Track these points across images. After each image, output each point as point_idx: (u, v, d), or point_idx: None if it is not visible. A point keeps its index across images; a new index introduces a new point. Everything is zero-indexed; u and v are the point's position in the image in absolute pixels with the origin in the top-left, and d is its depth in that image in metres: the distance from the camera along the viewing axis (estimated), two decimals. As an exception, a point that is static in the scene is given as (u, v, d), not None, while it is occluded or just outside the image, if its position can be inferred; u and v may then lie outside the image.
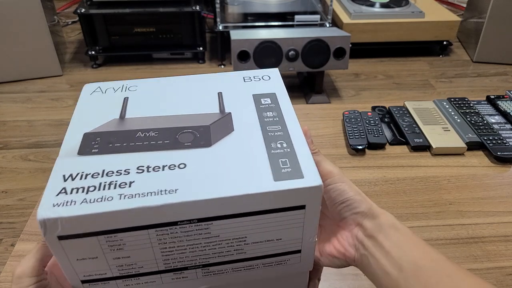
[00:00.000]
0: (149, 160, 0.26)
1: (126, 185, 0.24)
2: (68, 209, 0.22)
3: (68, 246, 0.23)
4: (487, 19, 1.62)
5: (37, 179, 1.13)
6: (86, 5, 1.60)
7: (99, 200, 0.23)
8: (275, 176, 0.24)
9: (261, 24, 1.64)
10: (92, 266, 0.25)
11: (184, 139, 0.27)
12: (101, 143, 0.27)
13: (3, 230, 0.98)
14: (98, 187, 0.24)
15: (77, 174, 0.25)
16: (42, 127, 1.34)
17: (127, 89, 0.33)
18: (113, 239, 0.24)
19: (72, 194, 0.23)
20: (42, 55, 1.56)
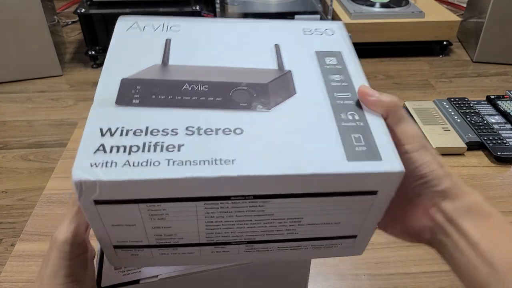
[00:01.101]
0: (199, 120, 0.22)
1: (175, 148, 0.20)
2: (108, 172, 0.19)
3: (104, 212, 0.21)
4: (487, 19, 1.62)
5: (37, 179, 1.13)
6: (86, 5, 1.60)
7: (143, 164, 0.19)
8: (348, 154, 0.21)
9: (261, 24, 1.63)
10: (128, 233, 0.22)
11: (239, 98, 0.23)
12: (143, 93, 0.23)
13: (3, 230, 0.98)
14: (142, 147, 0.20)
15: (116, 129, 0.21)
16: (42, 127, 1.34)
17: (168, 29, 0.28)
18: (155, 208, 0.21)
19: (112, 154, 0.20)
20: (42, 55, 1.56)
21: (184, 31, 0.28)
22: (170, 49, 0.26)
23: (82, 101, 1.48)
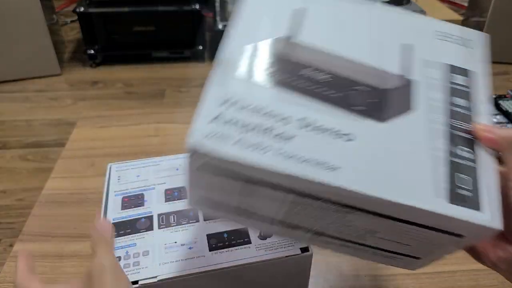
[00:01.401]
0: (315, 113, 0.21)
1: (285, 138, 0.20)
2: (220, 147, 0.20)
3: (203, 178, 0.22)
4: (488, 18, 1.62)
5: (36, 179, 1.12)
6: (85, 4, 1.59)
7: (254, 148, 0.20)
8: (451, 196, 0.20)
9: (260, 23, 1.63)
10: (217, 195, 0.23)
11: (356, 100, 0.22)
12: (263, 68, 0.23)
13: (2, 230, 0.98)
14: (255, 128, 0.20)
15: (236, 101, 0.21)
16: (41, 127, 1.33)
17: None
18: (249, 188, 0.22)
19: (227, 126, 0.20)
20: (40, 54, 1.55)
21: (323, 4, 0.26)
22: (301, 22, 0.25)
23: (81, 100, 1.48)
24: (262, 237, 0.32)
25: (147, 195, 0.37)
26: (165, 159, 0.40)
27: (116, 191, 0.37)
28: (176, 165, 0.40)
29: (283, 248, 0.31)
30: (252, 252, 0.31)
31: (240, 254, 0.31)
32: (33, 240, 0.44)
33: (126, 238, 0.33)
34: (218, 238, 0.32)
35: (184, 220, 0.34)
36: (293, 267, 0.32)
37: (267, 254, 0.31)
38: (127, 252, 0.31)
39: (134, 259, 0.31)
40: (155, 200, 0.36)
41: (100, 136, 0.59)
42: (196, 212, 0.35)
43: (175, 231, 0.33)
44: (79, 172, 0.53)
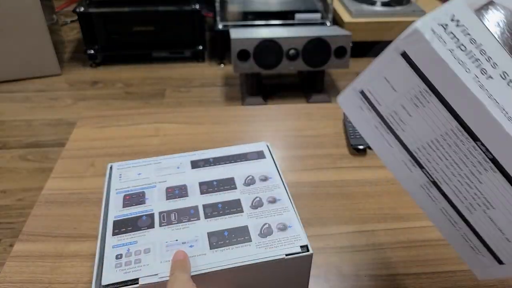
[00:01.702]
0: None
1: (485, 75, 0.22)
2: (438, 44, 0.22)
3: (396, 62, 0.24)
4: (487, 18, 1.62)
5: (36, 179, 1.13)
6: (85, 4, 1.59)
7: (462, 63, 0.22)
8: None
9: (261, 23, 1.63)
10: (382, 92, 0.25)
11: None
12: (496, 20, 0.24)
13: (2, 230, 0.98)
14: (467, 53, 0.22)
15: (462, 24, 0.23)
16: (41, 127, 1.34)
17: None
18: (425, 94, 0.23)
19: (448, 36, 0.22)
20: (41, 54, 1.55)
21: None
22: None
23: (81, 100, 1.48)
24: (262, 235, 0.32)
25: (148, 193, 0.36)
26: (166, 158, 0.40)
27: (118, 189, 0.37)
28: (177, 164, 0.40)
29: (283, 246, 0.31)
30: (253, 250, 0.31)
31: (241, 253, 0.31)
32: (33, 240, 0.44)
33: (128, 235, 0.33)
34: (219, 236, 0.32)
35: (185, 218, 0.34)
36: (293, 266, 0.32)
37: (267, 252, 0.31)
38: (129, 249, 0.31)
39: (135, 256, 0.31)
40: (156, 198, 0.36)
41: (100, 136, 0.59)
42: (197, 210, 0.35)
43: (176, 229, 0.33)
44: (79, 172, 0.53)
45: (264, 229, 0.32)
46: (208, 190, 0.37)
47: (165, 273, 0.29)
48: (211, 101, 1.48)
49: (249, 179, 0.38)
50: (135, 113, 0.63)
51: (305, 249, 0.31)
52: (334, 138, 0.59)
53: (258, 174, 0.38)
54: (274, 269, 0.31)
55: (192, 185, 0.37)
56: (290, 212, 0.34)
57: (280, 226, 0.33)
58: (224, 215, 0.34)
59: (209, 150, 0.41)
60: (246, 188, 0.37)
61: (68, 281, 0.39)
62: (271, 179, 0.38)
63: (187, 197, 0.36)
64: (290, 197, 0.36)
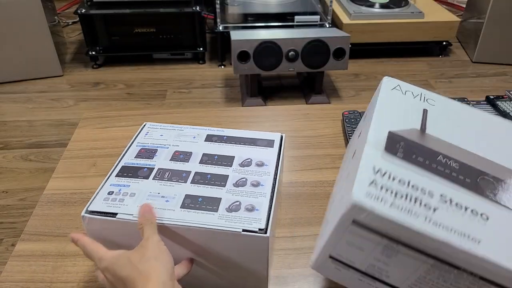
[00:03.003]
0: (451, 192, 0.25)
1: (430, 209, 0.23)
2: (380, 206, 0.23)
3: (352, 231, 0.24)
4: (486, 20, 1.63)
5: (38, 179, 1.13)
6: (86, 5, 1.60)
7: (407, 212, 0.23)
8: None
9: (261, 25, 1.64)
10: (351, 253, 0.26)
11: (485, 186, 0.26)
12: (405, 150, 0.27)
13: (4, 230, 0.99)
14: (405, 197, 0.24)
15: (385, 172, 0.25)
16: (42, 127, 1.34)
17: (425, 100, 0.32)
18: (392, 247, 0.24)
19: (382, 191, 0.24)
20: (42, 55, 1.56)
21: (439, 107, 0.31)
22: (427, 119, 0.30)
23: (83, 101, 1.48)
24: (229, 210, 0.35)
25: (159, 151, 0.42)
26: (188, 127, 0.46)
27: (139, 142, 0.44)
28: (195, 134, 0.45)
29: (242, 223, 0.33)
30: (214, 220, 0.34)
31: (203, 218, 0.34)
32: (34, 240, 0.44)
33: (125, 179, 0.38)
34: (193, 200, 0.36)
35: (176, 178, 0.39)
36: (250, 245, 0.33)
37: (225, 223, 0.33)
38: (120, 190, 0.37)
39: (122, 196, 0.36)
40: (163, 157, 0.41)
41: (102, 136, 0.59)
42: (189, 175, 0.39)
43: (163, 184, 0.38)
44: (81, 172, 0.53)
45: (233, 205, 0.35)
46: (207, 162, 0.40)
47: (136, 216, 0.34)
48: (212, 102, 1.49)
49: (246, 161, 0.40)
50: (136, 113, 0.64)
51: (262, 232, 0.33)
52: (333, 138, 0.59)
53: (257, 159, 0.41)
54: (231, 243, 0.33)
55: (196, 154, 0.42)
56: (265, 198, 0.36)
57: (249, 207, 0.35)
58: (207, 185, 0.37)
59: (228, 129, 0.45)
60: (240, 168, 0.40)
61: (69, 280, 0.40)
62: (266, 166, 0.40)
63: (187, 162, 0.40)
64: (276, 186, 0.37)
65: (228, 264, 0.35)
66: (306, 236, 0.43)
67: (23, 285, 0.40)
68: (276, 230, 0.44)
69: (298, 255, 0.42)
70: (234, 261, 0.35)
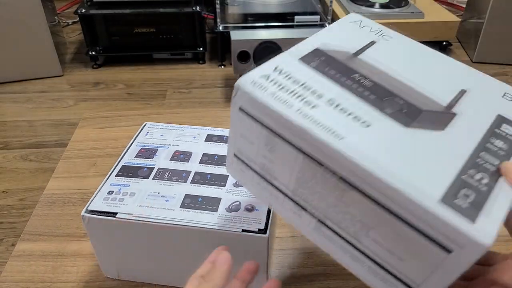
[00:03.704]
0: (344, 100, 0.24)
1: (309, 105, 0.24)
2: (258, 92, 0.25)
3: (241, 119, 0.26)
4: (486, 20, 1.63)
5: (38, 179, 1.13)
6: (86, 5, 1.60)
7: (282, 102, 0.24)
8: (445, 199, 0.20)
9: (261, 25, 1.64)
10: (246, 149, 0.27)
11: (388, 105, 0.25)
12: (321, 63, 0.27)
13: (4, 230, 0.99)
14: (290, 92, 0.25)
15: (283, 71, 0.26)
16: (42, 127, 1.34)
17: (381, 36, 0.31)
18: (270, 139, 0.25)
19: (269, 83, 0.25)
20: (42, 55, 1.56)
21: (392, 43, 0.30)
22: (368, 48, 0.29)
23: (83, 101, 1.48)
24: (229, 210, 0.35)
25: (160, 151, 0.42)
26: (189, 127, 0.46)
27: (139, 142, 0.44)
28: (195, 134, 0.45)
29: (242, 223, 0.34)
30: (214, 219, 0.34)
31: (203, 218, 0.34)
32: (34, 240, 0.44)
33: (125, 179, 0.39)
34: (193, 200, 0.36)
35: (176, 178, 0.39)
36: (249, 245, 0.34)
37: (225, 224, 0.34)
38: (120, 189, 0.37)
39: (122, 196, 0.36)
40: (163, 157, 0.42)
41: (102, 136, 0.59)
42: (189, 174, 0.39)
43: (163, 184, 0.38)
44: (81, 172, 0.53)
45: (233, 205, 0.35)
46: (206, 162, 0.41)
47: (138, 215, 0.34)
48: (212, 102, 1.49)
49: None
50: (137, 113, 0.64)
51: (262, 232, 0.33)
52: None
53: None
54: (230, 243, 0.33)
55: (196, 154, 0.42)
56: None
57: (249, 207, 0.35)
58: (207, 185, 0.38)
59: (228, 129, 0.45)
60: None
61: (69, 280, 0.40)
62: None
63: (187, 162, 0.41)
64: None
65: None
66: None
67: (23, 285, 0.40)
68: (276, 230, 0.44)
69: (298, 255, 0.42)
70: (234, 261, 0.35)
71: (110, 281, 0.40)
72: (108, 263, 0.39)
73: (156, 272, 0.38)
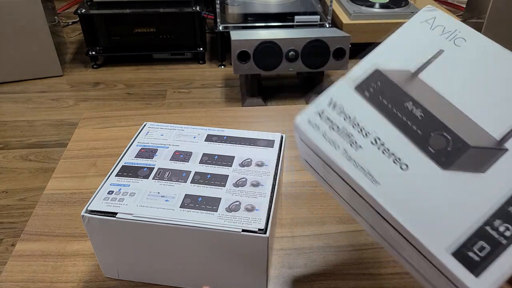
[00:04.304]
0: (389, 138, 0.25)
1: (355, 146, 0.25)
2: (311, 132, 0.27)
3: (301, 143, 0.29)
4: (486, 20, 1.63)
5: (38, 179, 1.13)
6: (86, 5, 1.60)
7: (331, 142, 0.26)
8: (459, 250, 0.21)
9: (261, 25, 1.64)
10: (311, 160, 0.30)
11: (434, 141, 0.24)
12: (375, 91, 0.27)
13: (4, 230, 0.99)
14: (339, 131, 0.26)
15: (339, 106, 0.27)
16: (42, 127, 1.34)
17: (454, 39, 0.28)
18: (324, 165, 0.28)
19: (322, 120, 0.27)
20: (42, 55, 1.56)
21: (463, 49, 0.28)
22: (432, 62, 0.27)
23: (83, 101, 1.48)
24: (228, 210, 0.35)
25: (159, 151, 0.42)
26: (189, 127, 0.46)
27: (139, 142, 0.43)
28: (195, 134, 0.45)
29: (242, 223, 0.33)
30: (214, 219, 0.34)
31: (203, 218, 0.34)
32: (34, 240, 0.44)
33: (125, 179, 0.38)
34: (192, 199, 0.36)
35: (176, 178, 0.39)
36: (249, 245, 0.33)
37: (225, 223, 0.34)
38: (120, 189, 0.37)
39: (122, 196, 0.36)
40: (163, 157, 0.41)
41: (102, 136, 0.59)
42: (189, 174, 0.39)
43: (163, 184, 0.38)
44: (81, 172, 0.53)
45: (232, 205, 0.35)
46: (207, 162, 0.40)
47: (138, 215, 0.35)
48: (212, 102, 1.49)
49: (246, 161, 0.40)
50: (136, 113, 0.64)
51: (262, 232, 0.33)
52: (333, 139, 0.59)
53: (257, 159, 0.41)
54: (230, 243, 0.33)
55: (196, 154, 0.42)
56: (265, 198, 0.36)
57: (249, 207, 0.35)
58: (207, 185, 0.37)
59: (228, 129, 0.45)
60: (240, 168, 0.40)
61: (69, 280, 0.40)
62: (266, 166, 0.40)
63: (187, 162, 0.40)
64: (276, 186, 0.38)
65: (227, 264, 0.35)
66: (306, 236, 0.43)
67: (23, 285, 0.40)
68: (276, 230, 0.44)
69: (298, 255, 0.42)
70: (234, 261, 0.35)
71: (110, 281, 0.40)
72: (108, 263, 0.39)
73: (156, 272, 0.38)
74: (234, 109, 0.65)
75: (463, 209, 0.22)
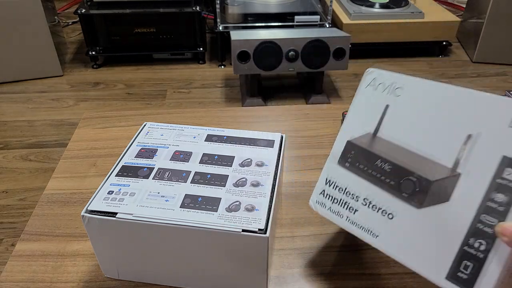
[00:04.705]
0: (373, 196, 0.32)
1: (352, 211, 0.33)
2: (321, 210, 0.35)
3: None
4: (486, 20, 1.63)
5: (38, 179, 1.13)
6: (86, 5, 1.60)
7: (336, 214, 0.34)
8: (449, 274, 0.27)
9: (261, 25, 1.64)
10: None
11: (405, 187, 0.30)
12: (353, 159, 0.33)
13: (4, 230, 0.99)
14: (339, 202, 0.34)
15: (333, 183, 0.35)
16: (42, 127, 1.34)
17: (394, 91, 0.33)
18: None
19: (326, 198, 0.35)
20: (42, 55, 1.56)
21: (402, 99, 0.32)
22: (384, 117, 0.33)
23: (83, 101, 1.48)
24: (228, 210, 0.35)
25: (159, 151, 0.42)
26: (189, 127, 0.46)
27: (139, 142, 0.44)
28: (195, 134, 0.45)
29: (242, 223, 0.33)
30: (214, 219, 0.34)
31: (203, 218, 0.34)
32: (34, 240, 0.44)
33: (125, 179, 0.38)
34: (192, 199, 0.36)
35: (176, 178, 0.39)
36: (249, 245, 0.33)
37: (225, 223, 0.34)
38: (120, 189, 0.37)
39: (122, 196, 0.36)
40: (163, 157, 0.41)
41: (102, 136, 0.59)
42: (189, 174, 0.39)
43: (163, 184, 0.38)
44: (81, 172, 0.53)
45: (232, 205, 0.35)
46: (207, 162, 0.40)
47: (138, 215, 0.34)
48: (212, 102, 1.49)
49: (246, 161, 0.40)
50: (136, 113, 0.64)
51: (262, 232, 0.33)
52: (333, 138, 0.59)
53: (256, 159, 0.41)
54: (230, 243, 0.33)
55: (196, 154, 0.42)
56: (265, 198, 0.36)
57: (249, 207, 0.35)
58: (207, 185, 0.38)
59: (228, 129, 0.46)
60: (240, 168, 0.40)
61: (69, 280, 0.40)
62: (266, 166, 0.40)
63: (187, 162, 0.40)
64: (276, 186, 0.38)
65: (227, 264, 0.35)
66: (306, 236, 0.43)
67: (23, 285, 0.40)
68: (276, 230, 0.44)
69: (298, 255, 0.42)
70: (234, 261, 0.35)
71: (110, 281, 0.40)
72: (108, 263, 0.39)
73: (156, 272, 0.38)
74: (234, 109, 0.65)
75: (443, 237, 0.27)
